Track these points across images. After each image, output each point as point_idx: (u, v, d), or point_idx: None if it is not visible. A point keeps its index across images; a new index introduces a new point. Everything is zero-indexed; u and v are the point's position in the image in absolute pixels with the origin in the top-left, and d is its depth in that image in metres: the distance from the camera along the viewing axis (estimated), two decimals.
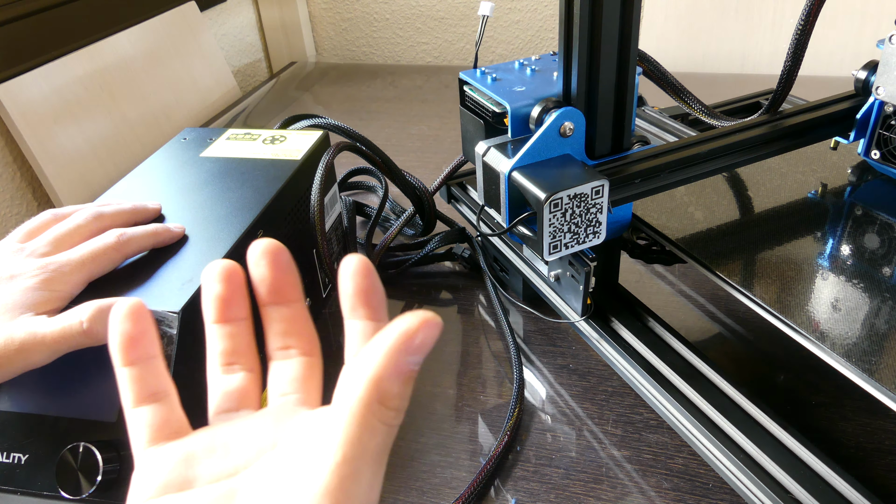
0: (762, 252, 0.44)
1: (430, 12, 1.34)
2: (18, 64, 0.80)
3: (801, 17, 0.44)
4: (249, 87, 1.31)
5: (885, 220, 0.46)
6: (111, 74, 0.93)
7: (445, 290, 0.60)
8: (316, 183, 0.48)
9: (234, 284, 0.26)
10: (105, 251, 0.37)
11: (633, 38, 0.40)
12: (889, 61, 0.45)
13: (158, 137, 1.00)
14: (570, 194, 0.38)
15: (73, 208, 0.41)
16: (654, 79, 0.47)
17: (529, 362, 0.51)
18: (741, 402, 0.39)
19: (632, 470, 0.42)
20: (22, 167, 0.83)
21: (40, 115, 0.81)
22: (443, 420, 0.47)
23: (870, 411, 0.44)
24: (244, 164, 0.50)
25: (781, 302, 0.39)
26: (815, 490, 0.34)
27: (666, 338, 0.44)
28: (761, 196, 0.50)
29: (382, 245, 0.59)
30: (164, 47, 1.03)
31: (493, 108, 0.43)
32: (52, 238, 0.38)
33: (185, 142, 0.54)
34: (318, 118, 0.59)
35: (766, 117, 0.47)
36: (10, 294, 0.34)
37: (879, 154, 0.49)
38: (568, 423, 0.46)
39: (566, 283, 0.46)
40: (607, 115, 0.42)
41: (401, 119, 0.98)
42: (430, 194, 0.61)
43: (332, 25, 1.41)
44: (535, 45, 1.31)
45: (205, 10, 1.15)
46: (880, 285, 0.40)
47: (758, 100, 0.63)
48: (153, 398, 0.25)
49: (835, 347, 0.35)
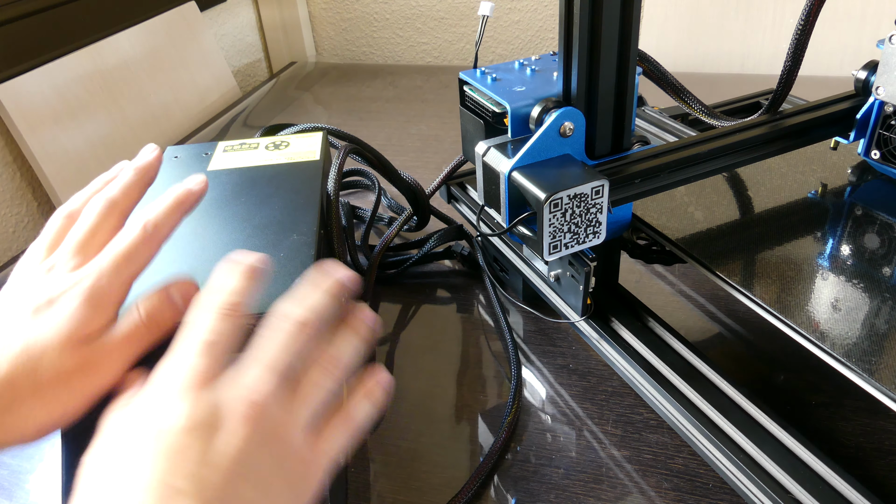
0: (762, 252, 0.44)
1: (430, 12, 1.34)
2: (18, 64, 0.80)
3: (801, 17, 0.44)
4: (249, 87, 1.31)
5: (885, 220, 0.46)
6: (111, 74, 0.93)
7: (445, 290, 0.60)
8: (331, 185, 0.48)
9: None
10: (136, 248, 0.33)
11: (633, 38, 0.40)
12: (889, 61, 0.45)
13: (158, 137, 1.00)
14: (570, 194, 0.38)
15: (80, 198, 0.37)
16: (654, 79, 0.47)
17: (529, 362, 0.51)
18: (741, 402, 0.39)
19: (632, 470, 0.42)
20: (22, 167, 0.83)
21: (40, 115, 0.81)
22: (442, 420, 0.47)
23: (870, 411, 0.44)
24: (266, 170, 0.49)
25: (781, 302, 0.39)
26: (815, 490, 0.34)
27: (666, 338, 0.44)
28: (761, 196, 0.50)
29: (382, 245, 0.59)
30: (164, 47, 1.04)
31: (493, 108, 0.43)
32: (74, 246, 0.34)
33: (178, 160, 0.51)
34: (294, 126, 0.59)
35: (766, 117, 0.47)
36: (56, 320, 0.31)
37: (879, 154, 0.49)
38: (568, 423, 0.46)
39: (566, 283, 0.46)
40: (607, 115, 0.42)
41: (401, 119, 0.98)
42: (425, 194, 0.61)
43: (332, 25, 1.41)
44: (535, 45, 1.32)
45: (205, 10, 1.15)
46: (880, 285, 0.40)
47: (758, 100, 0.63)
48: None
49: (835, 347, 0.35)
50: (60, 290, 0.32)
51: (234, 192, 0.46)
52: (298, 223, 0.42)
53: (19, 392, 0.29)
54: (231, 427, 0.26)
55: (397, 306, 0.59)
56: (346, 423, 0.31)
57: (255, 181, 0.47)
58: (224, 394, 0.27)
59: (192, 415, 0.26)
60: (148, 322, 0.32)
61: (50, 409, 0.30)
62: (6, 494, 0.44)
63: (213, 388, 0.27)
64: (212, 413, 0.27)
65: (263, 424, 0.27)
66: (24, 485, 0.45)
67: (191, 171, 0.49)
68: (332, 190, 0.48)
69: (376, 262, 0.58)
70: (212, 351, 0.28)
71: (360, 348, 0.32)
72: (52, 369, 0.30)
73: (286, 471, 0.28)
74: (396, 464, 0.44)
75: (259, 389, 0.27)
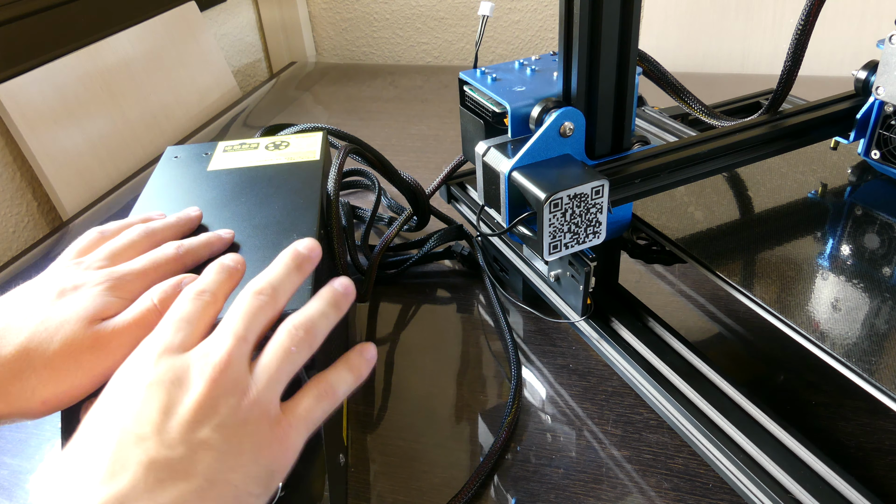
0: (762, 252, 0.44)
1: (430, 12, 1.34)
2: (18, 64, 0.80)
3: (801, 17, 0.44)
4: (249, 87, 1.31)
5: (885, 220, 0.46)
6: (111, 74, 0.93)
7: (445, 290, 0.60)
8: (331, 185, 0.48)
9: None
10: (166, 261, 0.37)
11: (633, 38, 0.40)
12: (889, 61, 0.45)
13: (158, 137, 1.00)
14: (570, 194, 0.38)
15: (118, 224, 0.40)
16: (654, 79, 0.47)
17: (529, 362, 0.51)
18: (741, 402, 0.39)
19: (632, 470, 0.42)
20: (22, 167, 0.83)
21: (40, 115, 0.81)
22: (442, 420, 0.47)
23: (870, 411, 0.44)
24: (266, 170, 0.49)
25: (781, 302, 0.39)
26: (815, 490, 0.34)
27: (666, 338, 0.44)
28: (761, 196, 0.50)
29: (382, 245, 0.59)
30: (164, 47, 1.04)
31: (493, 108, 0.43)
32: (107, 253, 0.37)
33: (179, 160, 0.51)
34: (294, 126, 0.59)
35: (766, 117, 0.47)
36: (78, 301, 0.33)
37: (879, 154, 0.49)
38: (568, 423, 0.46)
39: (566, 283, 0.46)
40: (607, 115, 0.42)
41: (401, 119, 0.98)
42: (425, 194, 0.61)
43: (332, 25, 1.41)
44: (535, 45, 1.32)
45: (205, 10, 1.15)
46: (880, 285, 0.40)
47: (758, 100, 0.63)
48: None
49: (835, 347, 0.35)
50: (87, 280, 0.34)
51: (234, 192, 0.46)
52: (298, 223, 0.42)
53: (32, 362, 0.31)
54: (193, 383, 0.29)
55: (397, 306, 0.59)
56: (321, 389, 0.33)
57: (255, 181, 0.47)
58: (190, 358, 0.30)
59: (158, 373, 0.29)
60: (160, 309, 0.34)
61: (57, 383, 0.31)
62: (6, 494, 0.44)
63: (183, 355, 0.30)
64: (177, 373, 0.29)
65: (224, 379, 0.29)
66: (24, 485, 0.45)
67: (191, 171, 0.50)
68: (332, 190, 0.48)
69: (376, 262, 0.58)
70: (183, 326, 0.31)
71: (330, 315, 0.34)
72: (64, 344, 0.32)
73: (250, 423, 0.29)
74: (396, 464, 0.44)
75: (219, 351, 0.30)
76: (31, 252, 0.76)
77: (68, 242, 0.40)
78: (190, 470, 0.27)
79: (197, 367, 0.29)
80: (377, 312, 0.59)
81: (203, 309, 0.32)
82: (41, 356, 0.31)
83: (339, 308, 0.34)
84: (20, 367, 0.31)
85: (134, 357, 0.31)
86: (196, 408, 0.28)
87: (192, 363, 0.30)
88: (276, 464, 0.30)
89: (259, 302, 0.32)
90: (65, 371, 0.31)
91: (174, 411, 0.28)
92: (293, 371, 0.32)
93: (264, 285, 0.33)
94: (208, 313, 0.32)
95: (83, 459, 0.27)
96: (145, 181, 0.49)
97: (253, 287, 0.33)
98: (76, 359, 0.32)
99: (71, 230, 0.80)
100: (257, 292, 0.33)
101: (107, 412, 0.29)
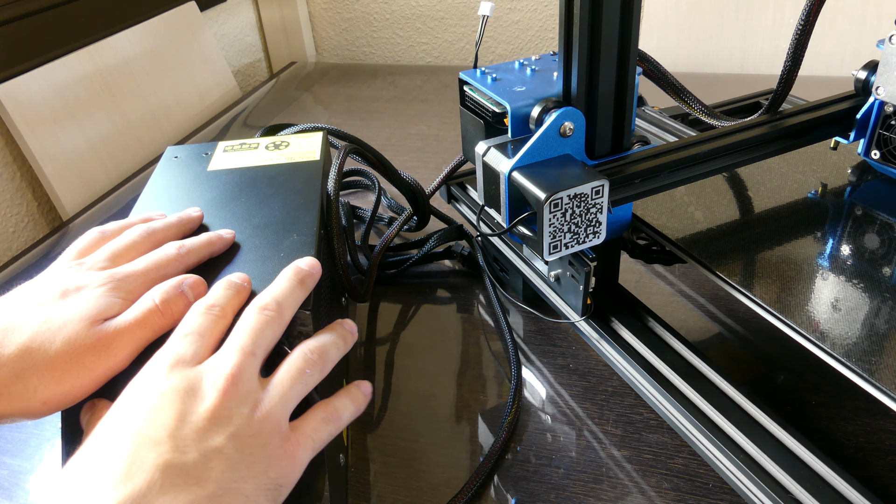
0: (762, 252, 0.44)
1: (430, 12, 1.34)
2: (18, 64, 0.80)
3: (801, 17, 0.44)
4: (249, 87, 1.31)
5: (885, 220, 0.46)
6: (111, 74, 0.93)
7: (444, 290, 0.60)
8: (331, 185, 0.48)
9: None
10: (168, 261, 0.37)
11: (633, 38, 0.40)
12: (889, 61, 0.45)
13: (158, 137, 1.00)
14: (570, 194, 0.38)
15: (118, 225, 0.40)
16: (654, 79, 0.47)
17: (529, 362, 0.51)
18: (741, 402, 0.39)
19: (632, 470, 0.42)
20: (22, 167, 0.83)
21: (40, 115, 0.81)
22: (442, 420, 0.47)
23: (870, 411, 0.44)
24: (266, 170, 0.49)
25: (781, 302, 0.39)
26: (815, 490, 0.34)
27: (666, 338, 0.44)
28: (761, 196, 0.50)
29: (382, 245, 0.59)
30: (164, 47, 1.04)
31: (493, 108, 0.43)
32: (109, 254, 0.37)
33: (179, 160, 0.51)
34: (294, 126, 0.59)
35: (766, 117, 0.47)
36: (81, 302, 0.33)
37: (879, 154, 0.49)
38: (568, 423, 0.46)
39: (566, 283, 0.46)
40: (607, 115, 0.42)
41: (401, 119, 0.98)
42: (425, 194, 0.61)
43: (332, 25, 1.41)
44: (535, 45, 1.32)
45: (205, 10, 1.15)
46: (880, 285, 0.40)
47: (758, 100, 0.63)
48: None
49: (835, 347, 0.35)
50: (90, 281, 0.35)
51: (234, 192, 0.46)
52: (298, 223, 0.42)
53: (34, 362, 0.31)
54: (206, 393, 0.30)
55: (397, 306, 0.59)
56: (328, 412, 0.34)
57: (255, 181, 0.47)
58: (203, 370, 0.31)
59: (172, 383, 0.30)
60: (162, 309, 0.34)
61: (59, 384, 0.31)
62: (6, 494, 0.44)
63: (195, 367, 0.31)
64: (190, 384, 0.30)
65: (236, 391, 0.30)
66: (24, 485, 0.45)
67: (191, 171, 0.49)
68: (332, 190, 0.48)
69: (376, 262, 0.58)
70: (195, 339, 0.32)
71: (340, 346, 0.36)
72: (66, 344, 0.32)
73: (262, 436, 0.30)
74: (396, 464, 0.44)
75: (229, 363, 0.31)
76: (31, 252, 0.76)
77: (68, 242, 0.40)
78: (203, 476, 0.27)
79: (209, 379, 0.30)
80: (377, 312, 0.59)
81: (213, 323, 0.33)
82: (43, 356, 0.31)
83: (347, 343, 0.37)
84: (22, 367, 0.31)
85: (147, 368, 0.31)
86: (210, 416, 0.29)
87: (205, 374, 0.31)
88: (285, 478, 0.30)
89: (265, 317, 0.33)
90: (66, 371, 0.31)
91: (188, 419, 0.29)
92: (304, 392, 0.33)
93: (269, 301, 0.34)
94: (218, 327, 0.33)
95: (97, 461, 0.27)
96: (145, 181, 0.49)
97: (258, 303, 0.34)
98: (78, 359, 0.32)
99: (71, 230, 0.80)
100: (262, 308, 0.34)
101: (121, 417, 0.29)
